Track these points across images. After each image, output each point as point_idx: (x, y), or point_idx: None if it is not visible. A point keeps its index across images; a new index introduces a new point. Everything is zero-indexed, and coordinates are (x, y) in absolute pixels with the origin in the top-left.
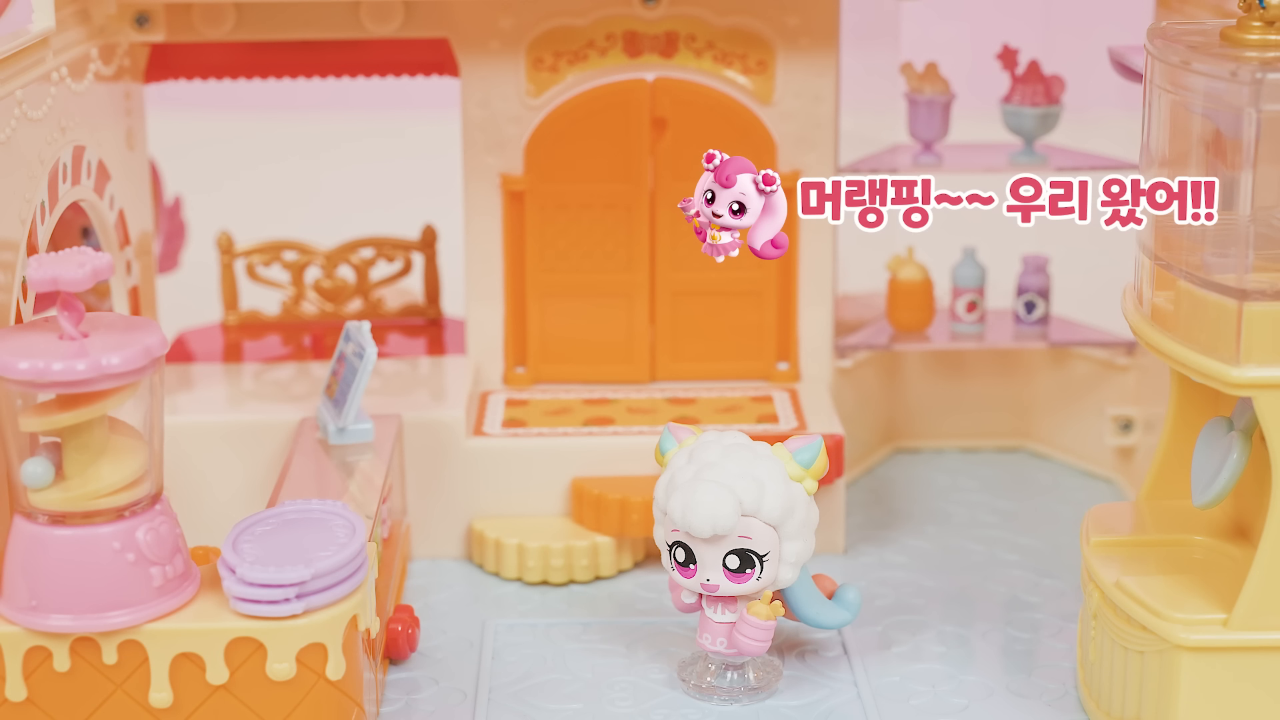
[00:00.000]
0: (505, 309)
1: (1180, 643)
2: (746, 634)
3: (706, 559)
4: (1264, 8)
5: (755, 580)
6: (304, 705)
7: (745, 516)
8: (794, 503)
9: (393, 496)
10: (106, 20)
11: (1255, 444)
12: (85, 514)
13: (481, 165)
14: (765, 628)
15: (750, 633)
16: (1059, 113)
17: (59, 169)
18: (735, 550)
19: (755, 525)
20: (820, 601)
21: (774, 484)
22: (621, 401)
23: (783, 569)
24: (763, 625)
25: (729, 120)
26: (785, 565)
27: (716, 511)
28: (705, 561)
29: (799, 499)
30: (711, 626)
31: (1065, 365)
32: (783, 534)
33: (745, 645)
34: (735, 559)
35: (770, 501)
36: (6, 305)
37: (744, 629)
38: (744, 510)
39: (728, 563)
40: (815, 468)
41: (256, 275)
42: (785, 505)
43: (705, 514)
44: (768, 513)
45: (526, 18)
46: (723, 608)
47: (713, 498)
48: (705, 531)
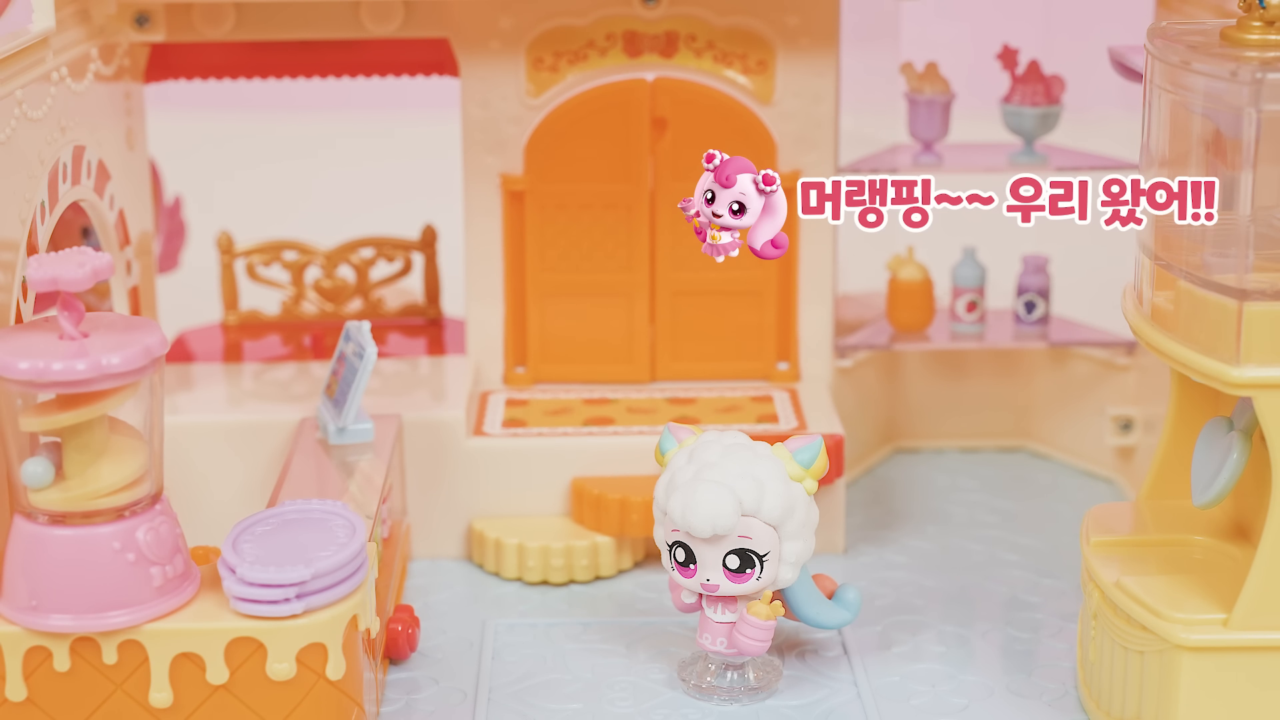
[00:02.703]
0: (505, 309)
1: (1180, 643)
2: (746, 634)
3: (706, 559)
4: (1264, 8)
5: (755, 580)
6: (304, 705)
7: (745, 516)
8: (794, 503)
9: (393, 496)
10: (106, 20)
11: (1255, 444)
12: (85, 514)
13: (481, 165)
14: (765, 628)
15: (750, 633)
16: (1059, 113)
17: (59, 169)
18: (735, 550)
19: (755, 525)
20: (820, 601)
21: (774, 484)
22: (621, 401)
23: (783, 569)
24: (762, 625)
25: (729, 120)
26: (785, 565)
27: (717, 511)
28: (705, 561)
29: (799, 499)
30: (711, 626)
31: (1065, 365)
32: (783, 534)
33: (745, 645)
34: (735, 559)
35: (770, 501)
36: (6, 305)
37: (744, 629)
38: (744, 510)
39: (728, 563)
40: (815, 468)
41: (256, 275)
42: (785, 505)
43: (705, 514)
44: (768, 513)
45: (526, 18)
46: (723, 608)
47: (713, 498)
48: (705, 531)
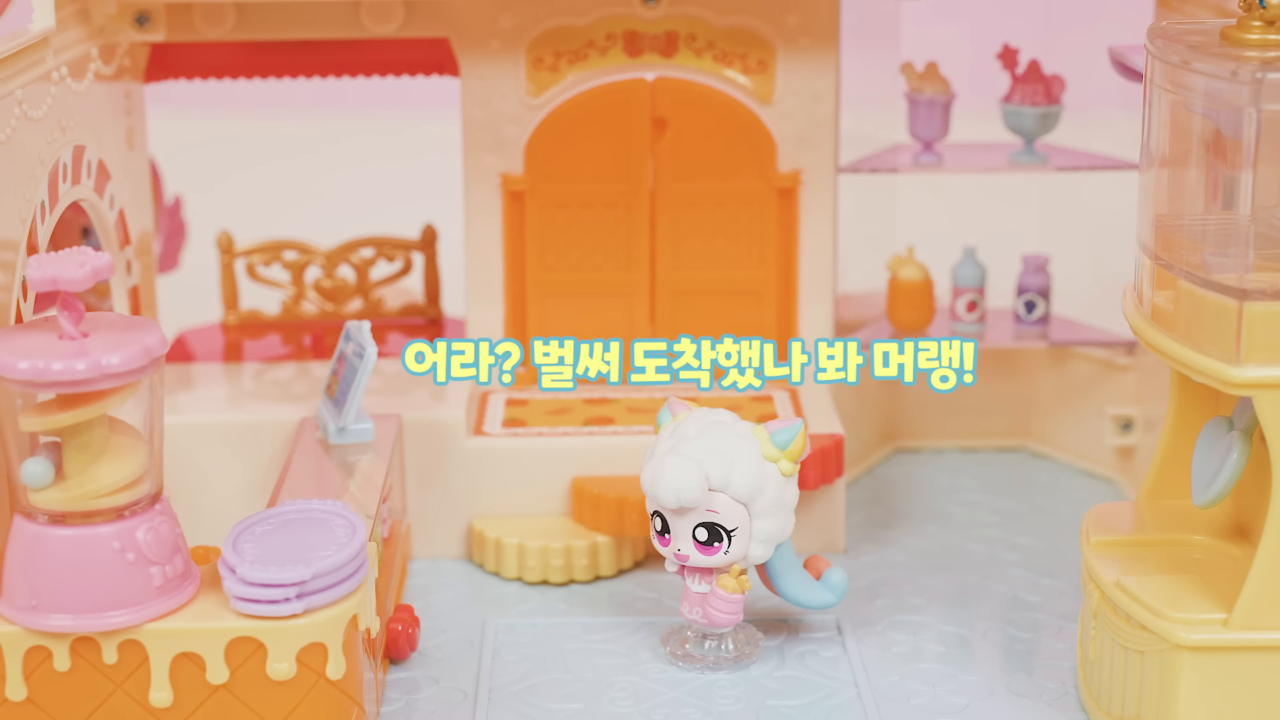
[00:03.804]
0: (505, 309)
1: (1180, 642)
2: (715, 606)
3: (678, 529)
4: (1264, 7)
5: (724, 554)
6: (304, 705)
7: (712, 491)
8: (764, 481)
9: (393, 496)
10: (106, 20)
11: (1255, 444)
12: (85, 514)
13: (481, 165)
14: (733, 600)
15: (719, 605)
16: (1059, 112)
17: (59, 169)
18: (704, 523)
19: (722, 500)
20: (803, 580)
21: (744, 462)
22: (621, 401)
23: (754, 545)
24: (729, 599)
25: (729, 120)
26: (756, 542)
27: (681, 483)
28: (677, 532)
29: (770, 478)
30: (690, 596)
31: (1065, 365)
32: (753, 511)
33: (714, 617)
34: (704, 531)
35: (739, 478)
36: (6, 305)
37: (713, 601)
38: (711, 485)
39: (697, 535)
40: (791, 450)
41: (256, 275)
42: (754, 483)
43: (670, 484)
44: (735, 489)
45: (526, 17)
46: (699, 578)
47: (678, 470)
48: (670, 502)
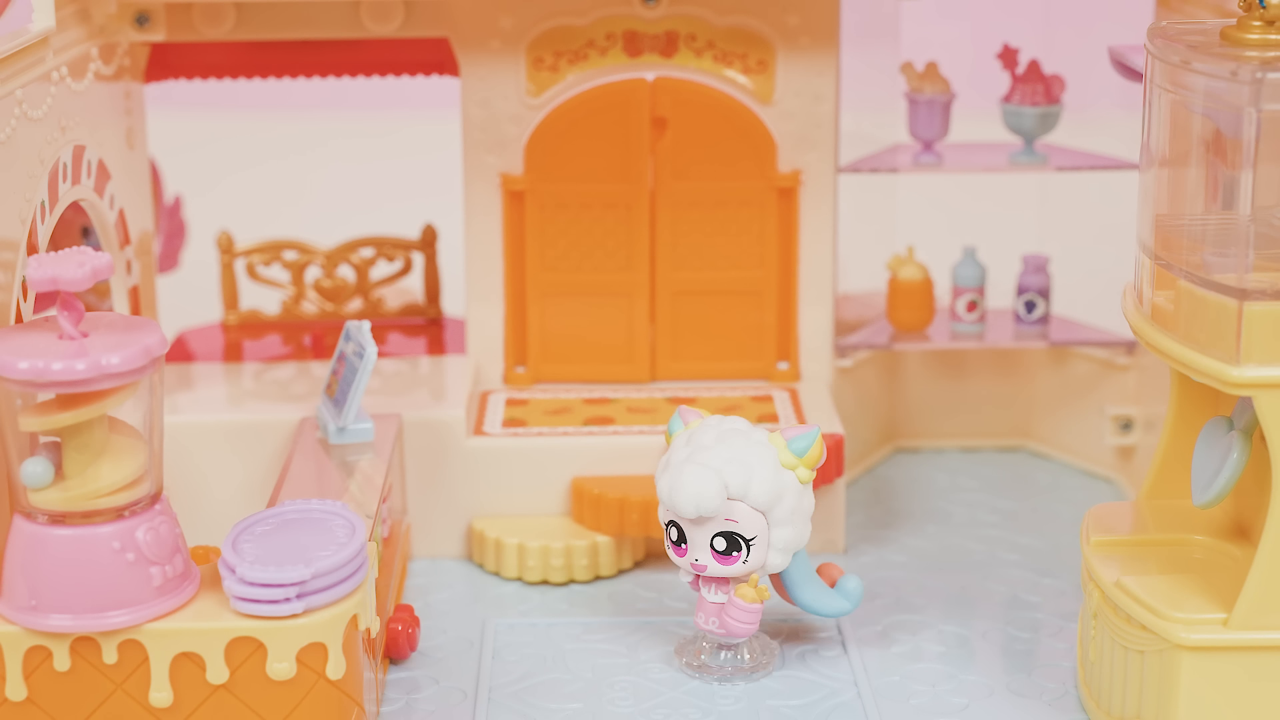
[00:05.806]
0: (505, 308)
1: (1180, 642)
2: (734, 615)
3: (695, 539)
4: (1264, 7)
5: (742, 563)
6: (304, 705)
7: (731, 500)
8: (783, 490)
9: (393, 496)
10: (106, 20)
11: (1255, 444)
12: (85, 514)
13: (481, 165)
14: (752, 610)
15: (737, 615)
16: (1059, 112)
17: (59, 168)
18: (722, 533)
19: (741, 509)
20: (819, 588)
21: (763, 470)
22: (621, 401)
23: (772, 554)
24: (748, 608)
25: (729, 120)
26: (774, 551)
27: (701, 493)
28: (694, 542)
29: (789, 486)
30: (706, 606)
31: (1065, 365)
32: (771, 519)
33: (732, 627)
34: (722, 541)
35: (758, 487)
36: (6, 305)
37: (731, 610)
38: (730, 494)
39: (715, 544)
40: (809, 457)
41: (256, 275)
42: (773, 491)
43: (689, 495)
44: (754, 497)
45: (526, 17)
46: (716, 588)
47: (698, 479)
48: (689, 512)
